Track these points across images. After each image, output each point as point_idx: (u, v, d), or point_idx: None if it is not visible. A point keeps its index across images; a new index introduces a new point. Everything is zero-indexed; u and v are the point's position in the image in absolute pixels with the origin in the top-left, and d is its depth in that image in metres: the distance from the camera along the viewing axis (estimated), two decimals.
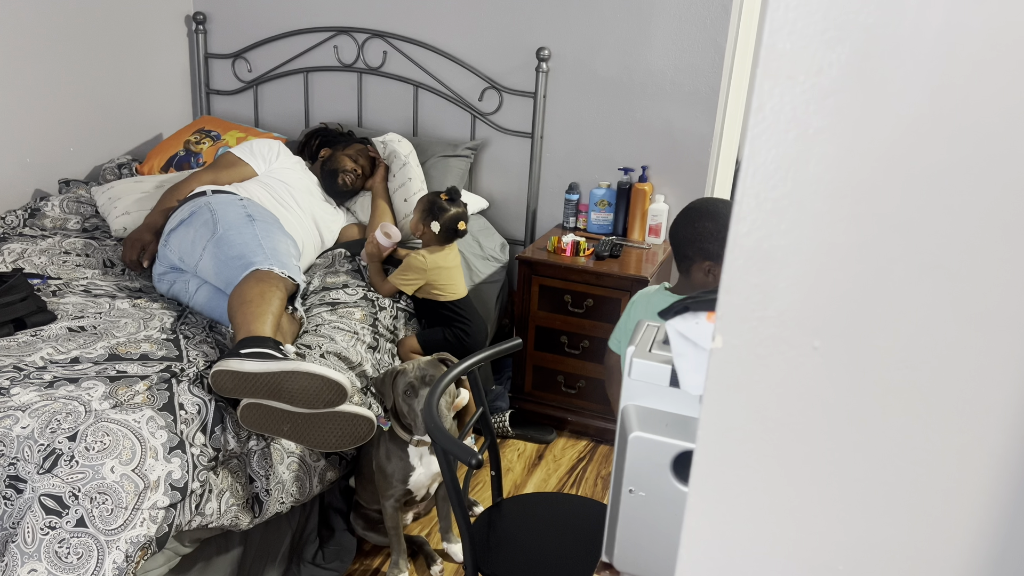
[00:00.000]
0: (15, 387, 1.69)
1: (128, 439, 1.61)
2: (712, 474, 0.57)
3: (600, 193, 2.95)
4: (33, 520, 1.51)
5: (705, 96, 2.83)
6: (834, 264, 0.50)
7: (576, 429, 2.88)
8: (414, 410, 1.94)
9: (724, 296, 0.53)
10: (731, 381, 0.54)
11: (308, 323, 2.25)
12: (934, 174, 0.47)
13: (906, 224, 0.48)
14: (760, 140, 0.50)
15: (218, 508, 1.73)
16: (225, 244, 2.19)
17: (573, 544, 1.67)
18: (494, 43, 3.05)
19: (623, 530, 0.84)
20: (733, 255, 0.52)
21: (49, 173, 2.98)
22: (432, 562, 2.20)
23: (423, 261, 2.41)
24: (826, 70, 0.47)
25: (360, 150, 2.85)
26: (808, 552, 0.56)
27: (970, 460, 0.51)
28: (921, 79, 0.46)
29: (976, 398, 0.50)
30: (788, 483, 0.55)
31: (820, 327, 0.52)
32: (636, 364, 0.80)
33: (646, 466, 0.79)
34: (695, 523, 0.58)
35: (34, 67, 2.87)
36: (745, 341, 0.54)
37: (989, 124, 0.46)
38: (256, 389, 1.75)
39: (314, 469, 2.01)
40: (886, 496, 0.53)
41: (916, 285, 0.49)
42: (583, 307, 2.71)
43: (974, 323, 0.49)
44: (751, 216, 0.51)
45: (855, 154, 0.48)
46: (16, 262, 2.42)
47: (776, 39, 0.48)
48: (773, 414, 0.54)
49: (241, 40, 3.42)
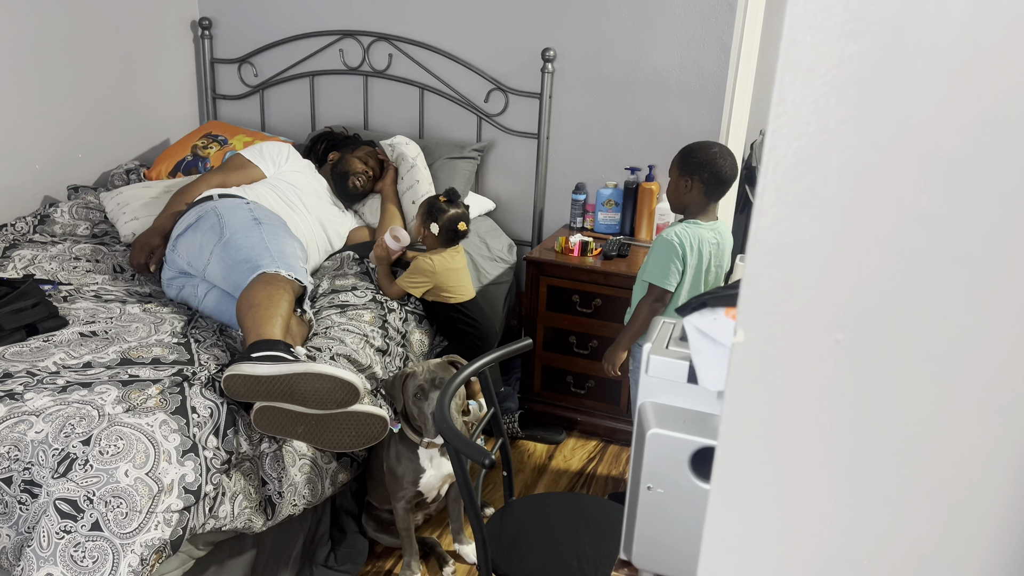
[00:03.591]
0: (29, 392, 1.69)
1: (141, 443, 1.61)
2: (735, 469, 0.57)
3: (607, 193, 2.95)
4: (48, 524, 1.52)
5: (711, 94, 2.83)
6: (856, 257, 0.50)
7: (586, 429, 2.88)
8: (424, 413, 1.94)
9: (746, 290, 0.53)
10: (753, 375, 0.54)
11: (318, 325, 2.25)
12: (956, 165, 0.47)
13: (929, 216, 0.48)
14: (781, 133, 0.50)
15: (231, 511, 1.74)
16: (232, 248, 2.19)
17: (586, 543, 1.67)
18: (499, 44, 3.06)
19: (641, 527, 0.84)
20: (755, 249, 0.52)
21: (58, 179, 3.00)
22: (444, 563, 2.20)
23: (431, 264, 2.42)
24: (847, 62, 0.47)
25: (369, 152, 2.85)
26: (832, 547, 0.56)
27: (997, 453, 0.51)
28: (942, 70, 0.46)
29: (1002, 390, 0.50)
30: (811, 477, 0.55)
31: (842, 320, 0.52)
32: (653, 361, 0.80)
33: (664, 463, 0.79)
34: (718, 518, 0.58)
35: (42, 75, 2.88)
36: (767, 335, 0.53)
37: (1011, 114, 0.46)
38: (269, 392, 1.75)
39: (326, 471, 2.01)
40: (911, 490, 0.53)
41: (939, 277, 0.49)
42: (591, 307, 2.71)
43: (999, 314, 0.49)
44: (772, 210, 0.51)
45: (877, 146, 0.48)
46: (27, 268, 2.43)
47: (796, 32, 0.48)
48: (796, 408, 0.54)
49: (247, 45, 3.43)
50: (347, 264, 2.58)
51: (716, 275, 2.18)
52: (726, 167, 2.08)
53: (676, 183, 2.13)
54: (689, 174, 2.10)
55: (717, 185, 2.09)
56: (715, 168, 2.07)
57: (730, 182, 2.11)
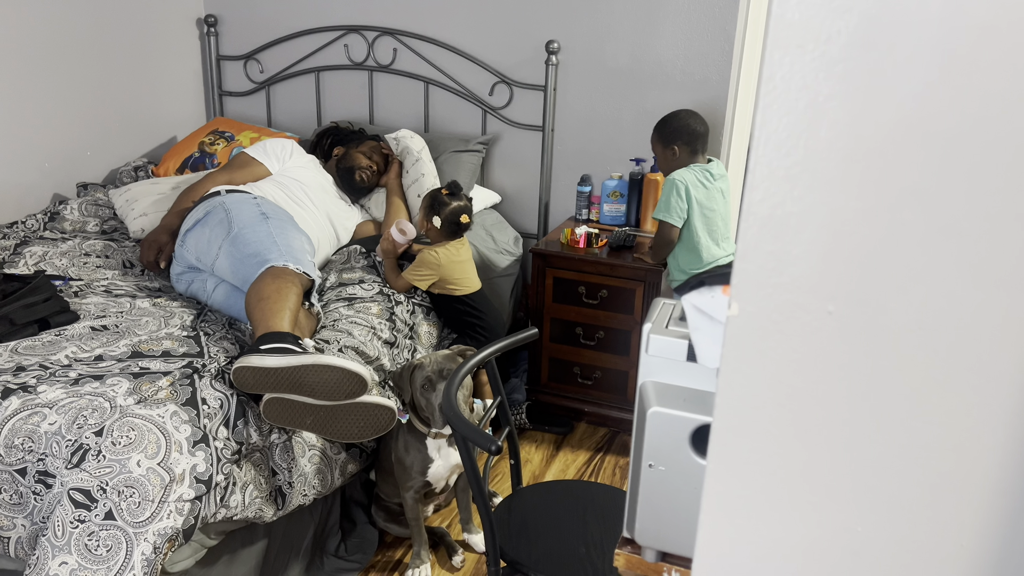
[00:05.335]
0: (42, 385, 1.72)
1: (153, 433, 1.63)
2: (730, 439, 0.58)
3: (612, 184, 2.95)
4: (63, 514, 1.54)
5: (716, 84, 2.83)
6: (847, 229, 0.51)
7: (593, 420, 2.89)
8: (432, 403, 1.96)
9: (739, 264, 0.54)
10: (747, 347, 0.56)
11: (326, 318, 2.27)
12: (945, 137, 0.48)
13: (918, 187, 0.49)
14: (771, 109, 0.51)
15: (242, 500, 1.76)
16: (240, 242, 2.21)
17: (594, 529, 1.69)
18: (503, 37, 3.07)
19: (643, 505, 0.85)
20: (747, 223, 0.53)
21: (67, 177, 3.03)
22: (453, 552, 2.22)
23: (436, 257, 2.43)
24: (835, 38, 0.48)
25: (374, 147, 2.87)
26: (826, 515, 0.57)
27: (987, 420, 0.52)
28: (930, 44, 0.47)
29: (992, 359, 0.51)
30: (804, 447, 0.56)
31: (835, 292, 0.53)
32: (653, 340, 0.81)
33: (665, 441, 0.81)
34: (714, 488, 0.59)
35: (50, 74, 2.91)
36: (761, 308, 0.55)
37: (998, 87, 0.47)
38: (277, 384, 1.77)
39: (335, 462, 2.03)
40: (903, 458, 0.54)
41: (929, 248, 0.50)
42: (597, 298, 2.72)
43: (988, 285, 0.50)
44: (764, 184, 0.52)
45: (865, 120, 0.49)
46: (38, 264, 2.46)
47: (785, 9, 0.49)
48: (789, 379, 0.55)
49: (252, 41, 3.45)
50: (354, 258, 2.60)
51: (724, 203, 2.52)
52: (697, 124, 2.49)
53: (663, 154, 2.53)
54: (671, 142, 2.49)
55: (695, 140, 2.48)
56: (689, 129, 2.47)
57: (706, 133, 2.51)
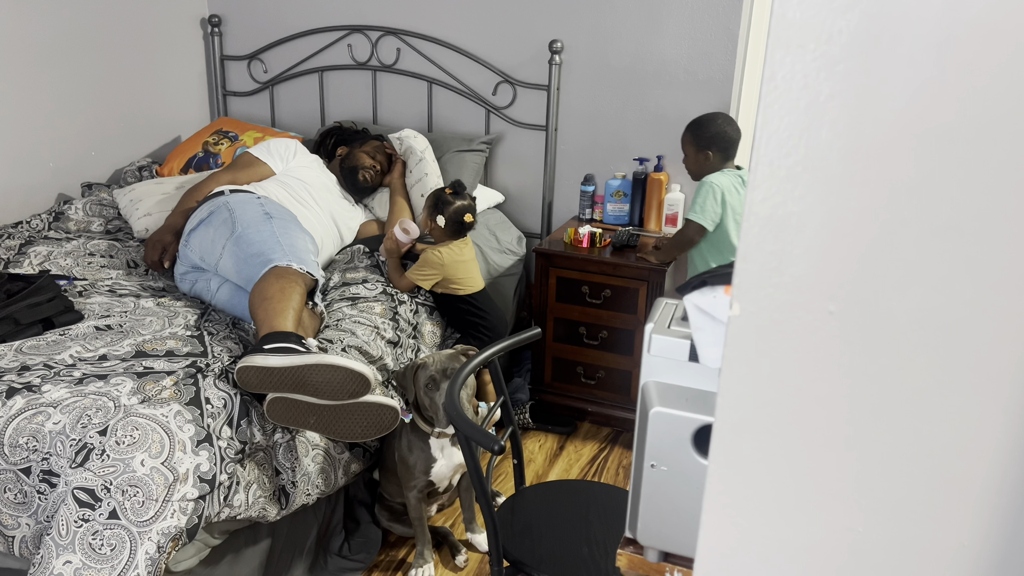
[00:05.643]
0: (46, 384, 1.73)
1: (157, 433, 1.64)
2: (732, 439, 0.58)
3: (616, 184, 2.95)
4: (67, 513, 1.55)
5: (719, 83, 2.83)
6: (848, 228, 0.51)
7: (597, 420, 2.89)
8: (435, 403, 1.96)
9: (740, 264, 0.54)
10: (749, 347, 0.56)
11: (329, 318, 2.27)
12: (945, 136, 0.48)
13: (918, 187, 0.49)
14: (772, 109, 0.51)
15: (246, 500, 1.76)
16: (244, 242, 2.22)
17: (596, 529, 1.69)
18: (506, 37, 3.07)
19: (646, 505, 0.85)
20: (748, 223, 0.53)
21: (72, 177, 3.03)
22: (456, 552, 2.22)
23: (439, 256, 2.43)
24: (836, 37, 0.48)
25: (377, 147, 2.87)
26: (827, 514, 0.57)
27: (987, 419, 0.52)
28: (930, 43, 0.47)
29: (992, 358, 0.51)
30: (805, 446, 0.56)
31: (835, 292, 0.53)
32: (655, 340, 0.81)
33: (667, 441, 0.81)
34: (716, 488, 0.59)
35: (54, 75, 2.92)
36: (762, 307, 0.55)
37: (998, 86, 0.47)
38: (281, 383, 1.78)
39: (339, 461, 2.04)
40: (904, 457, 0.54)
41: (929, 247, 0.50)
42: (601, 298, 2.72)
43: (988, 284, 0.50)
44: (765, 184, 0.52)
45: (866, 119, 0.49)
46: (42, 264, 2.47)
47: (786, 8, 0.49)
48: (790, 378, 0.55)
49: (256, 41, 3.45)
50: (357, 257, 2.60)
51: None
52: (733, 132, 2.49)
53: (695, 157, 2.50)
54: (706, 147, 2.47)
55: (730, 147, 2.48)
56: (727, 137, 2.47)
57: (739, 140, 2.50)
